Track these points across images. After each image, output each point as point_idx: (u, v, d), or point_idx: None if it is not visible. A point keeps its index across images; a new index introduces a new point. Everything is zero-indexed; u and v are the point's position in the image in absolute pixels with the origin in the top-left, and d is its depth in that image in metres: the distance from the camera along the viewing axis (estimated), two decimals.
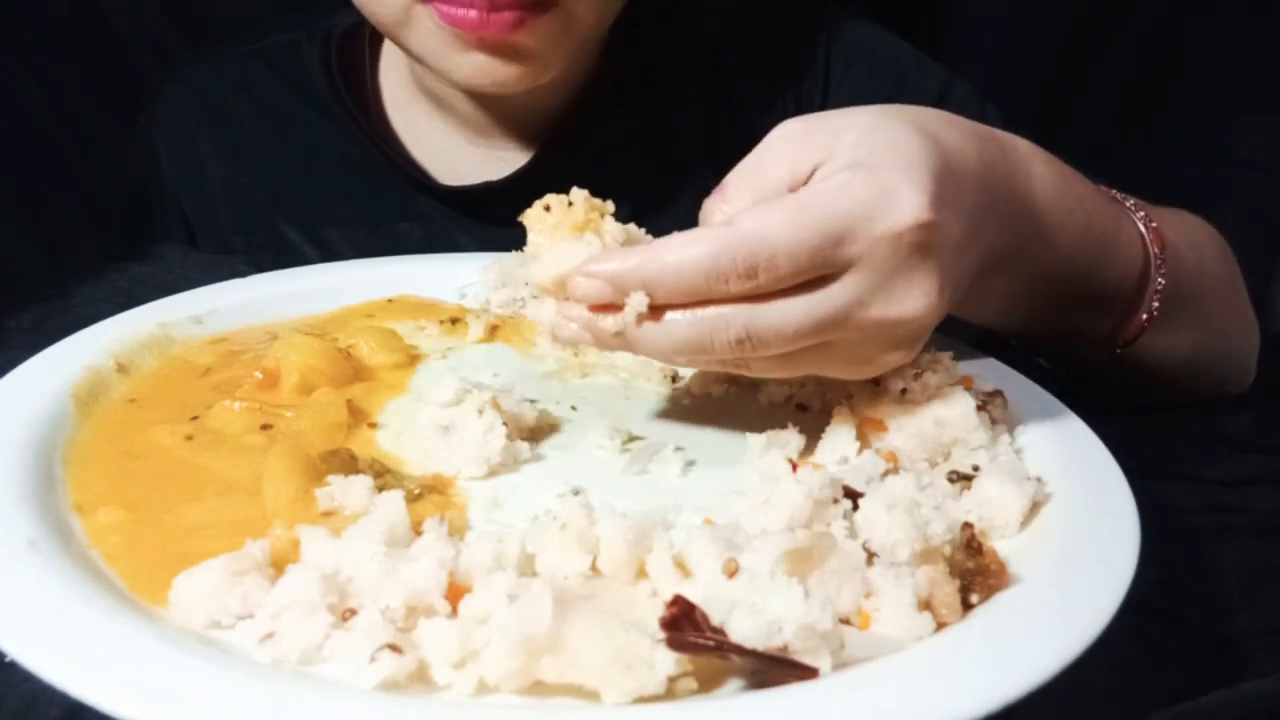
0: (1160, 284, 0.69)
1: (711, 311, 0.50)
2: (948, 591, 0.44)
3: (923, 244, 0.50)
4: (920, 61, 0.92)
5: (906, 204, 0.49)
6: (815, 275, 0.50)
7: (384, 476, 0.52)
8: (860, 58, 0.91)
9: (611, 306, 0.51)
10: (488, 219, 0.89)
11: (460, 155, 0.90)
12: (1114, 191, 0.72)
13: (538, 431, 0.59)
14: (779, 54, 0.91)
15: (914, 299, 0.51)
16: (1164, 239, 0.69)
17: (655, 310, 0.51)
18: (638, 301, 0.50)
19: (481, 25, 0.70)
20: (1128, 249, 0.68)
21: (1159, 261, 0.69)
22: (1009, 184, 0.59)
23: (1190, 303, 0.73)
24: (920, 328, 0.53)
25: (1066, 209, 0.63)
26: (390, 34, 0.78)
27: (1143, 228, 0.69)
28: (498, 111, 0.87)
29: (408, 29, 0.75)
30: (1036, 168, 0.62)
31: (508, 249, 0.79)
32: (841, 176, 0.50)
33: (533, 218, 0.55)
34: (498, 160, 0.90)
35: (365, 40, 0.94)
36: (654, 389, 0.66)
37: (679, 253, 0.50)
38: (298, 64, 0.93)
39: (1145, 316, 0.69)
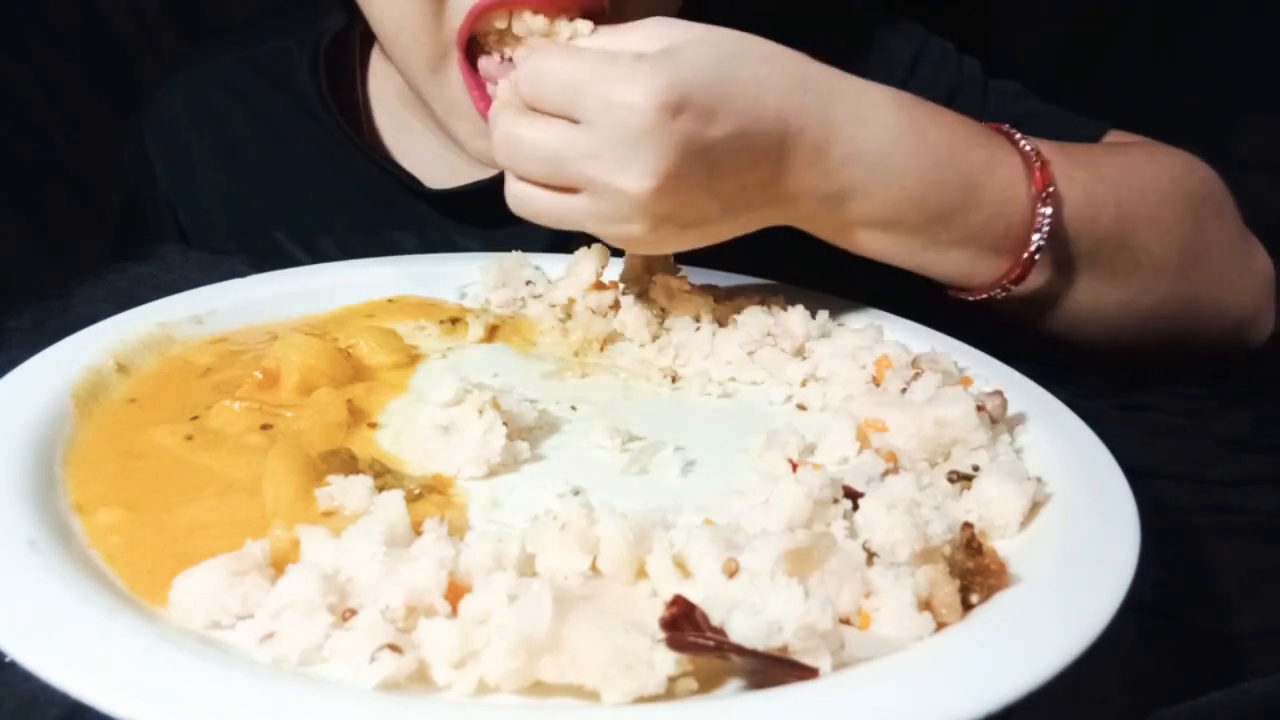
0: (1044, 222, 0.70)
1: (511, 113, 0.63)
2: (948, 591, 0.44)
3: (639, 127, 0.59)
4: (898, 26, 0.93)
5: (634, 90, 0.59)
6: (560, 112, 0.61)
7: (384, 476, 0.52)
8: (842, 35, 0.92)
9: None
10: (482, 221, 0.89)
11: (451, 159, 0.90)
12: (1008, 128, 0.74)
13: (538, 431, 0.59)
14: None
15: (634, 172, 0.60)
16: (1050, 177, 0.71)
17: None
18: (502, 88, 0.66)
19: None
20: (1004, 189, 0.70)
21: (1041, 200, 0.70)
22: (825, 130, 0.65)
23: (1115, 242, 0.74)
24: (645, 206, 0.61)
25: (908, 153, 0.67)
26: (416, 82, 0.79)
27: (1024, 167, 0.71)
28: None
29: (438, 77, 0.76)
30: (878, 115, 0.67)
31: (506, 249, 0.79)
32: (627, 57, 0.61)
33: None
34: (491, 166, 0.90)
35: (355, 47, 0.94)
36: (654, 389, 0.66)
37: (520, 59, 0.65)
38: (288, 71, 0.93)
39: (1026, 255, 0.71)
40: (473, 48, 0.74)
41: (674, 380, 0.66)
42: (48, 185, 1.09)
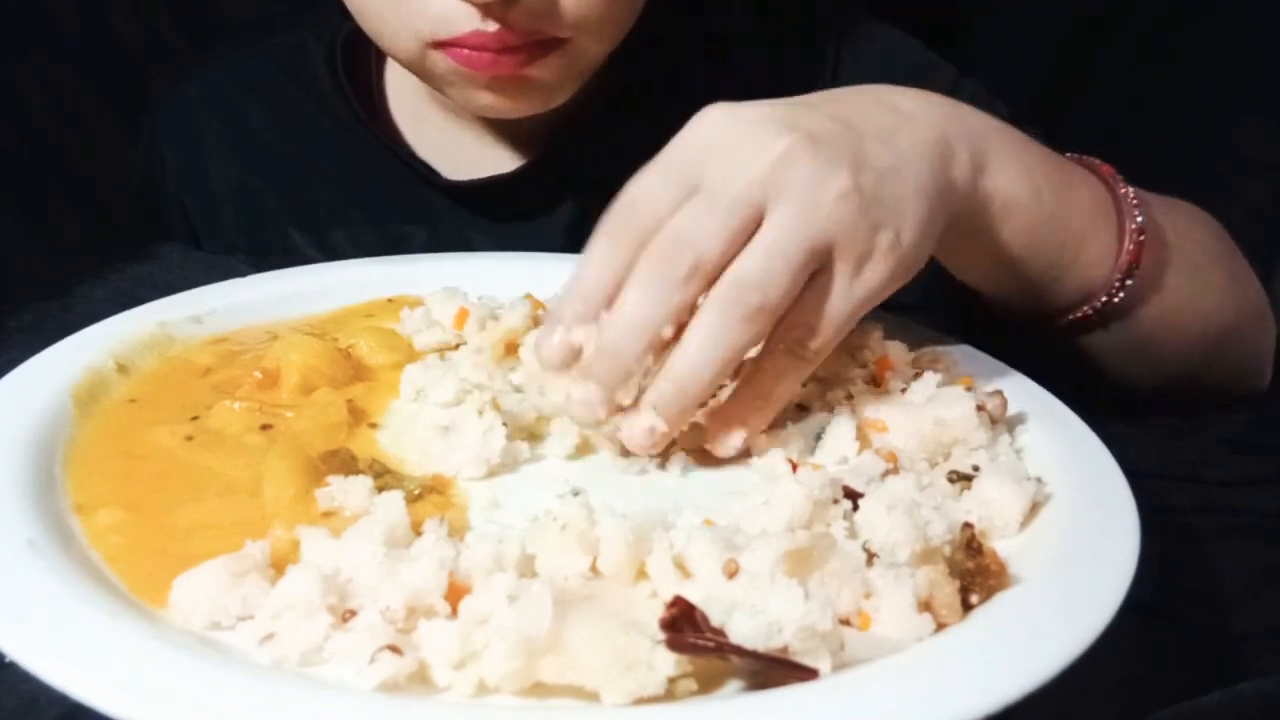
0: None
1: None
2: (948, 592, 0.44)
3: (740, 126, 0.55)
4: (930, 60, 0.92)
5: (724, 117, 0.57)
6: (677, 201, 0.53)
7: (384, 476, 0.52)
8: (868, 58, 0.90)
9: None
10: (497, 215, 0.89)
11: (468, 153, 0.90)
12: (1113, 183, 0.71)
13: (538, 431, 0.59)
14: (788, 56, 0.91)
15: (766, 145, 0.54)
16: (1148, 249, 0.68)
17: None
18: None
19: (494, 65, 0.72)
20: (1096, 259, 0.68)
21: (1124, 274, 0.68)
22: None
23: (1186, 260, 0.72)
24: (801, 156, 0.53)
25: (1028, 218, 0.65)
26: (406, 67, 0.79)
27: (1124, 241, 0.69)
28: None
29: (423, 67, 0.76)
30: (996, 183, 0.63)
31: (519, 245, 0.78)
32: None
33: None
34: (508, 158, 0.90)
35: (371, 41, 0.94)
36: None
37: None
38: (304, 64, 0.93)
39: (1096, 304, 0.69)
40: None
41: None
42: (48, 185, 1.09)
